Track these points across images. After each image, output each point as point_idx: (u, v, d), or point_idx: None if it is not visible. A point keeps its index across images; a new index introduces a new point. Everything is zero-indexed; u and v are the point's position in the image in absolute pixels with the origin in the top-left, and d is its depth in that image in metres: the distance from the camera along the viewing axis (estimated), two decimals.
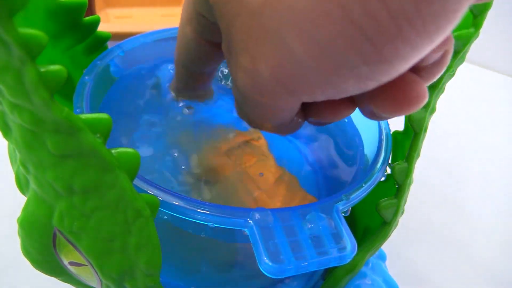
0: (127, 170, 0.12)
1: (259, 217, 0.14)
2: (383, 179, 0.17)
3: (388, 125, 0.19)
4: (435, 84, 0.18)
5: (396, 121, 0.21)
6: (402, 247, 0.26)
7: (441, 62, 0.12)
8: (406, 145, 0.19)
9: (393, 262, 0.22)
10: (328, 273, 0.20)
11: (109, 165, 0.12)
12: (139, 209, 0.12)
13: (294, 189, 0.19)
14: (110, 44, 0.21)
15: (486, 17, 0.17)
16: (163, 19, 0.48)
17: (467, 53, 0.19)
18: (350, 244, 0.13)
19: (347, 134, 0.21)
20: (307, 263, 0.13)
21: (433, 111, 0.19)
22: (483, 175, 0.33)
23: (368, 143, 0.20)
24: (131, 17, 0.48)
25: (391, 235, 0.19)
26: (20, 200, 0.14)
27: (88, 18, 0.19)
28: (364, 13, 0.09)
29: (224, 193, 0.18)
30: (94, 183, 0.12)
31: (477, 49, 0.30)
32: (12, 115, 0.11)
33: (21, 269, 0.21)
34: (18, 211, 0.13)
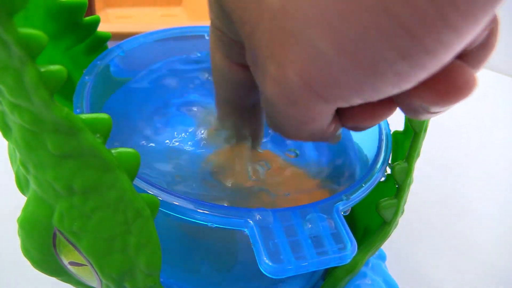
0: (127, 170, 0.12)
1: (259, 217, 0.14)
2: (383, 179, 0.17)
3: (388, 125, 0.19)
4: None
5: (396, 121, 0.21)
6: (402, 247, 0.26)
7: (488, 44, 0.11)
8: (406, 145, 0.19)
9: (393, 262, 0.22)
10: (328, 273, 0.20)
11: (109, 165, 0.12)
12: (139, 209, 0.12)
13: (303, 178, 0.19)
14: (110, 44, 0.21)
15: None
16: (163, 19, 0.48)
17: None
18: (350, 244, 0.13)
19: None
20: (307, 263, 0.13)
21: None
22: (483, 175, 0.33)
23: (368, 143, 0.20)
24: (131, 17, 0.48)
25: (391, 235, 0.19)
26: (20, 200, 0.14)
27: (88, 18, 0.19)
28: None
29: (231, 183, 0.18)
30: (94, 183, 0.12)
31: None
32: (12, 115, 0.11)
33: (21, 269, 0.21)
34: (18, 211, 0.13)
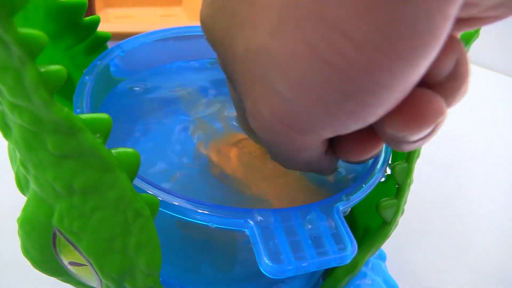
0: (127, 170, 0.12)
1: (259, 218, 0.14)
2: (383, 179, 0.17)
3: None
4: None
5: None
6: (402, 247, 0.26)
7: (457, 74, 0.11)
8: None
9: (393, 262, 0.22)
10: (328, 273, 0.20)
11: (109, 165, 0.12)
12: (139, 209, 0.12)
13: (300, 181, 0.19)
14: (110, 44, 0.21)
15: None
16: (163, 19, 0.48)
17: (467, 53, 0.19)
18: (350, 244, 0.13)
19: None
20: (307, 263, 0.13)
21: None
22: (483, 175, 0.33)
23: None
24: (131, 17, 0.48)
25: (391, 235, 0.19)
26: (20, 200, 0.14)
27: (88, 18, 0.19)
28: (330, 49, 0.09)
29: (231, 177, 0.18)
30: (94, 183, 0.12)
31: (477, 49, 0.30)
32: (12, 115, 0.11)
33: (21, 269, 0.21)
34: (18, 211, 0.13)
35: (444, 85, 0.11)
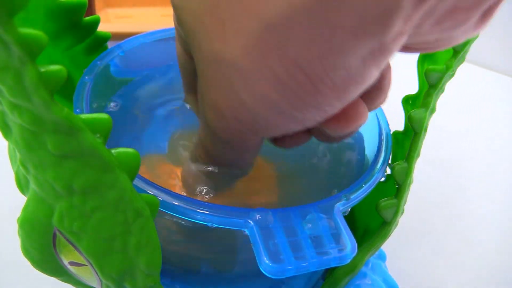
0: (127, 170, 0.12)
1: (259, 217, 0.14)
2: (383, 179, 0.17)
3: (388, 125, 0.19)
4: (435, 84, 0.18)
5: (396, 121, 0.21)
6: (402, 247, 0.26)
7: (380, 86, 0.14)
8: (406, 145, 0.19)
9: (393, 262, 0.22)
10: (328, 273, 0.20)
11: (109, 165, 0.12)
12: (139, 209, 0.12)
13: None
14: (110, 44, 0.21)
15: None
16: (163, 19, 0.48)
17: (467, 53, 0.19)
18: (350, 244, 0.13)
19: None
20: (307, 263, 0.13)
21: (433, 111, 0.19)
22: (483, 175, 0.33)
23: (368, 143, 0.20)
24: (131, 17, 0.48)
25: (391, 235, 0.19)
26: (20, 200, 0.14)
27: (88, 18, 0.19)
28: (288, 76, 0.11)
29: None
30: (94, 183, 0.12)
31: (477, 49, 0.30)
32: (12, 115, 0.11)
33: (21, 269, 0.21)
34: (18, 211, 0.13)
35: (368, 94, 0.13)
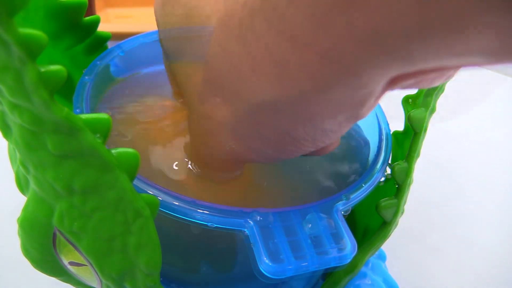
0: (127, 170, 0.12)
1: (259, 217, 0.14)
2: (383, 179, 0.17)
3: (388, 125, 0.19)
4: None
5: (396, 121, 0.21)
6: (402, 247, 0.26)
7: (326, 148, 0.15)
8: (406, 145, 0.19)
9: (393, 262, 0.22)
10: (328, 273, 0.20)
11: (109, 165, 0.12)
12: (139, 209, 0.12)
13: None
14: (110, 44, 0.21)
15: None
16: None
17: None
18: (350, 244, 0.13)
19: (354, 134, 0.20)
20: (307, 263, 0.13)
21: (433, 111, 0.19)
22: (483, 175, 0.33)
23: (367, 144, 0.20)
24: (131, 17, 0.48)
25: (391, 235, 0.19)
26: (20, 200, 0.14)
27: (88, 18, 0.19)
28: (274, 136, 0.13)
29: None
30: (94, 183, 0.12)
31: None
32: (12, 115, 0.11)
33: (21, 269, 0.21)
34: (18, 211, 0.13)
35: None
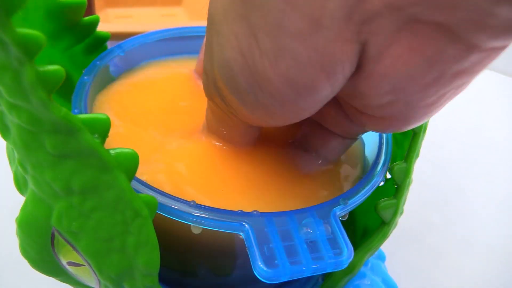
0: (125, 170, 0.12)
1: (255, 221, 0.14)
2: (382, 183, 0.17)
3: None
4: None
5: None
6: (401, 247, 0.26)
7: None
8: (405, 145, 0.19)
9: (392, 262, 0.22)
10: (327, 274, 0.20)
11: (108, 165, 0.12)
12: (137, 209, 0.12)
13: None
14: (110, 44, 0.21)
15: None
16: (163, 19, 0.48)
17: None
18: (346, 249, 0.13)
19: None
20: (302, 269, 0.13)
21: None
22: (483, 175, 0.33)
23: (368, 146, 0.20)
24: (131, 17, 0.48)
25: (390, 235, 0.19)
26: (19, 200, 0.14)
27: (87, 18, 0.19)
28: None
29: None
30: (92, 183, 0.12)
31: None
32: (10, 115, 0.11)
33: (19, 269, 0.21)
34: (17, 211, 0.13)
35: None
